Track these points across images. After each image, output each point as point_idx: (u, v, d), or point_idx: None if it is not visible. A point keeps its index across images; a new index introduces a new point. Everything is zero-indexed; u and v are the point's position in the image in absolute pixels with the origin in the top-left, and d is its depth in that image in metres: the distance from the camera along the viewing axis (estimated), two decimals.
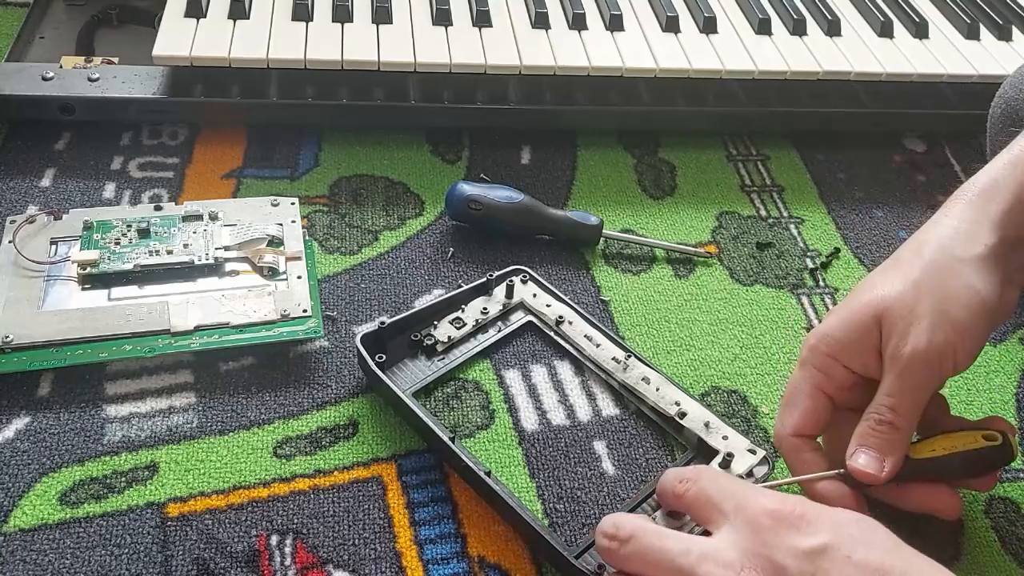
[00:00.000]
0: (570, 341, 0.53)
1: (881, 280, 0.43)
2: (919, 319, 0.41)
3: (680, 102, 0.68)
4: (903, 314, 0.41)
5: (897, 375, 0.41)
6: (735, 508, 0.38)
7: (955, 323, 0.41)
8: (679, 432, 0.49)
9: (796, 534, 0.36)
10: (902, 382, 0.41)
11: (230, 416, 0.48)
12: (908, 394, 0.42)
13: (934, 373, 0.42)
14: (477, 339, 0.53)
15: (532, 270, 0.56)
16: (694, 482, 0.40)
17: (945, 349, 0.41)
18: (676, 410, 0.49)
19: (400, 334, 0.51)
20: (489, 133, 0.68)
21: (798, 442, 0.45)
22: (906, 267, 0.43)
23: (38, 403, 0.48)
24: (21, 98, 0.61)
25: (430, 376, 0.51)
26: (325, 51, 0.63)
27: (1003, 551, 0.47)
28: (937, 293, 0.41)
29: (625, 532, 0.39)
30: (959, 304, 0.41)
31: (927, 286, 0.42)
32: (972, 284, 0.41)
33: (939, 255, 0.42)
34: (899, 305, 0.42)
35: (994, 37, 0.76)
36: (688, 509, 0.41)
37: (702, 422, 0.49)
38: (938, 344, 0.41)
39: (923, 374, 0.41)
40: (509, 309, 0.55)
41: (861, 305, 0.43)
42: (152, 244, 0.53)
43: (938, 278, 0.42)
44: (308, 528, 0.44)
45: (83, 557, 0.42)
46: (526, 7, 0.71)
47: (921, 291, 0.42)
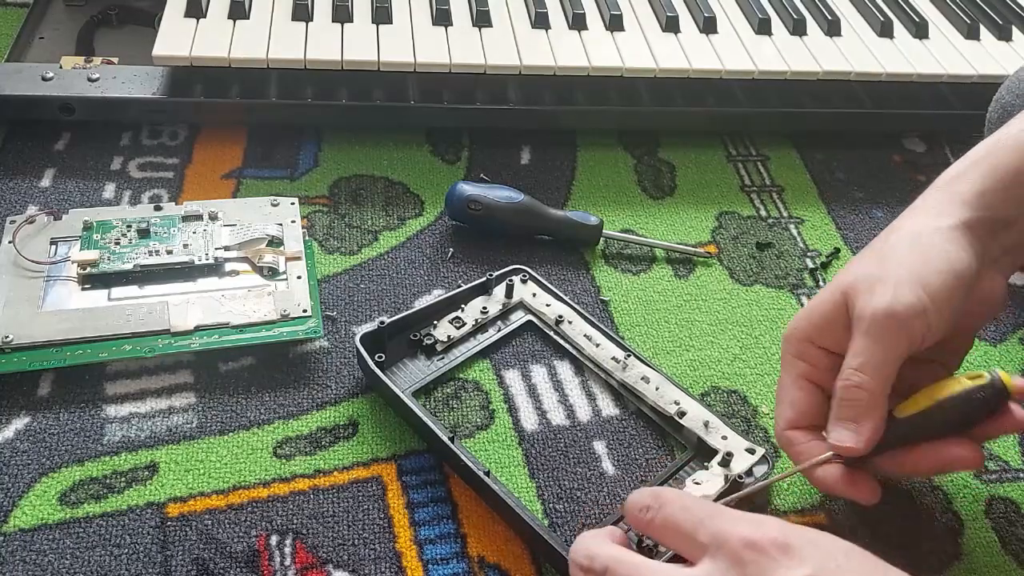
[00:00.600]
0: (570, 340, 0.53)
1: (851, 264, 0.44)
2: (884, 281, 0.41)
3: (680, 102, 0.68)
4: (869, 281, 0.41)
5: (862, 333, 0.40)
6: (712, 539, 0.35)
7: (925, 284, 0.40)
8: (678, 431, 0.49)
9: (781, 567, 0.33)
10: (866, 340, 0.40)
11: (230, 416, 0.48)
12: (873, 353, 0.40)
13: (902, 331, 0.40)
14: (477, 339, 0.53)
15: (532, 270, 0.56)
16: (656, 510, 0.38)
17: (914, 306, 0.39)
18: (675, 409, 0.50)
19: (400, 333, 0.52)
20: (489, 133, 0.68)
21: (795, 435, 0.44)
22: (876, 245, 0.43)
23: (38, 403, 0.48)
24: (21, 98, 0.61)
25: (429, 376, 0.51)
26: (325, 51, 0.63)
27: (1003, 551, 0.47)
28: (906, 259, 0.41)
29: (599, 564, 0.36)
30: (929, 267, 0.40)
31: (896, 255, 0.42)
32: (944, 249, 0.41)
33: (909, 230, 0.43)
34: (865, 275, 0.42)
35: (994, 37, 0.76)
36: (658, 538, 0.38)
37: (701, 421, 0.49)
38: (906, 301, 0.40)
39: (888, 331, 0.40)
40: (509, 309, 0.55)
41: (829, 287, 0.43)
42: (152, 244, 0.53)
43: (907, 246, 0.42)
44: (308, 528, 0.44)
45: (83, 557, 0.42)
46: (526, 7, 0.71)
47: (888, 259, 0.42)
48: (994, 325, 0.59)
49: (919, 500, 0.49)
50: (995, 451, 0.51)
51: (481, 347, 0.53)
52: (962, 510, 0.48)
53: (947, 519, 0.48)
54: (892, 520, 0.48)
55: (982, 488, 0.50)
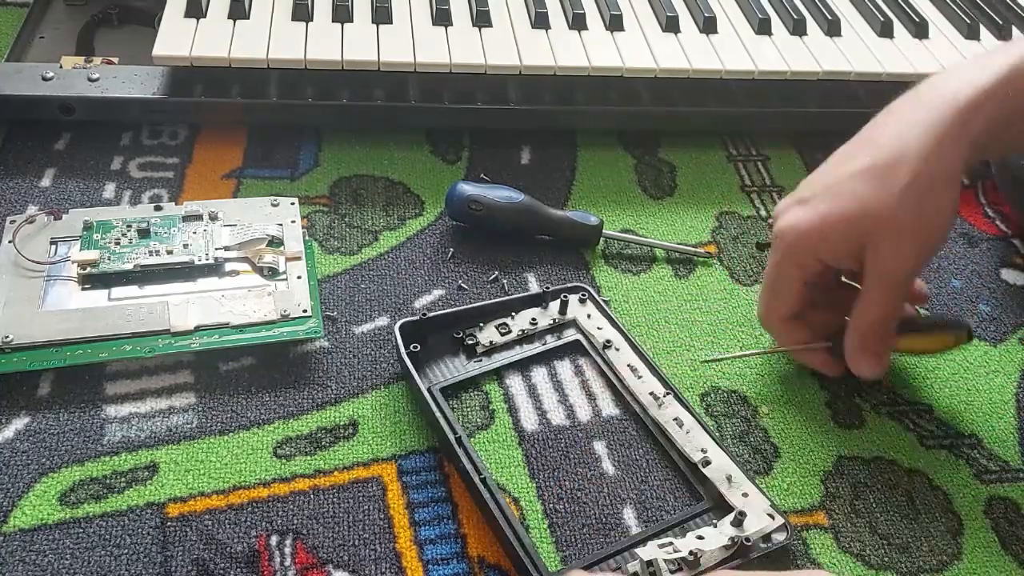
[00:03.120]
0: (613, 368, 0.52)
1: (863, 190, 0.46)
2: (903, 238, 0.45)
3: (680, 102, 0.68)
4: (889, 233, 0.45)
5: (886, 288, 0.47)
6: None
7: (934, 244, 0.47)
8: (701, 481, 0.47)
9: None
10: (889, 293, 0.47)
11: (230, 416, 0.48)
12: (894, 304, 0.48)
13: (910, 284, 0.49)
14: (519, 348, 0.53)
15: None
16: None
17: (923, 265, 0.48)
18: (700, 457, 0.47)
19: (444, 329, 0.52)
20: (489, 133, 0.68)
21: (789, 324, 0.52)
22: (887, 180, 0.45)
23: (38, 403, 0.48)
24: (21, 98, 0.61)
25: (462, 375, 0.51)
26: (325, 51, 0.63)
27: (1003, 551, 0.47)
28: (918, 213, 0.45)
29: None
30: (935, 226, 0.46)
31: (909, 204, 0.45)
32: (952, 210, 0.46)
33: (919, 173, 0.45)
34: (884, 222, 0.45)
35: (994, 37, 0.76)
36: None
37: (725, 474, 0.46)
38: (919, 261, 0.47)
39: (905, 286, 0.47)
40: (559, 324, 0.54)
41: (843, 215, 0.46)
42: (152, 244, 0.53)
43: (918, 196, 0.45)
44: (308, 528, 0.44)
45: (83, 557, 0.42)
46: (526, 7, 0.71)
47: (905, 210, 0.45)
48: (994, 325, 0.59)
49: (919, 500, 0.49)
50: (995, 451, 0.51)
51: (520, 357, 0.52)
52: (962, 510, 0.48)
53: (947, 519, 0.48)
54: (892, 520, 0.48)
55: (982, 488, 0.50)
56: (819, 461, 0.50)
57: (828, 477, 0.49)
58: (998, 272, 0.63)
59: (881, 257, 0.46)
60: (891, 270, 0.46)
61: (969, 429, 0.53)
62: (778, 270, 0.50)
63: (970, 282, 0.62)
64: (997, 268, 0.63)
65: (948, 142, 0.45)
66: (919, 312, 0.56)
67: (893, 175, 0.45)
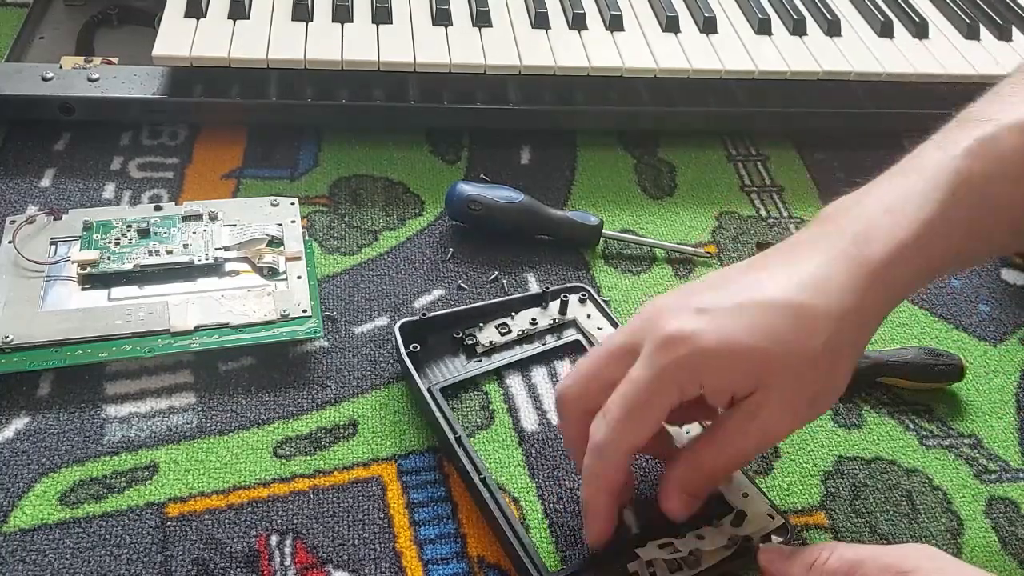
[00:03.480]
0: None
1: (778, 328, 0.38)
2: (800, 400, 0.39)
3: (680, 102, 0.68)
4: (789, 390, 0.38)
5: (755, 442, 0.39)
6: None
7: (817, 413, 0.41)
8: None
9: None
10: (752, 448, 0.40)
11: (230, 416, 0.48)
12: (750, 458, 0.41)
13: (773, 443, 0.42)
14: (519, 348, 0.53)
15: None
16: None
17: (797, 426, 0.40)
18: None
19: (444, 329, 0.52)
20: (489, 133, 0.68)
21: (625, 462, 0.40)
22: (803, 330, 0.38)
23: (38, 403, 0.48)
24: (21, 98, 0.61)
25: (460, 375, 0.50)
26: (325, 51, 0.63)
27: (1003, 551, 0.47)
28: (822, 378, 0.39)
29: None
30: (831, 394, 0.40)
31: (820, 367, 0.38)
32: (844, 378, 0.40)
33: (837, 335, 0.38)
34: (790, 377, 0.38)
35: (994, 37, 0.76)
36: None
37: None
38: (794, 429, 0.40)
39: (767, 445, 0.41)
40: (559, 325, 0.54)
41: (755, 349, 0.38)
42: (152, 244, 0.53)
43: (830, 360, 0.38)
44: (308, 528, 0.44)
45: (83, 557, 0.42)
46: (526, 7, 0.71)
47: (814, 372, 0.38)
48: (994, 325, 0.59)
49: (919, 500, 0.49)
50: (995, 451, 0.51)
51: (520, 357, 0.52)
52: (962, 510, 0.48)
53: (947, 519, 0.48)
54: (892, 520, 0.48)
55: (982, 488, 0.50)
56: (819, 461, 0.50)
57: (828, 477, 0.49)
58: (998, 272, 0.63)
59: (768, 411, 0.38)
60: (772, 428, 0.39)
61: (969, 429, 0.53)
62: (652, 387, 0.38)
63: (970, 282, 0.62)
64: (997, 268, 0.63)
65: (867, 307, 0.39)
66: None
67: (811, 327, 0.38)
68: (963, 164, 0.40)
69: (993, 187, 0.40)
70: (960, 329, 0.58)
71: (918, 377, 0.53)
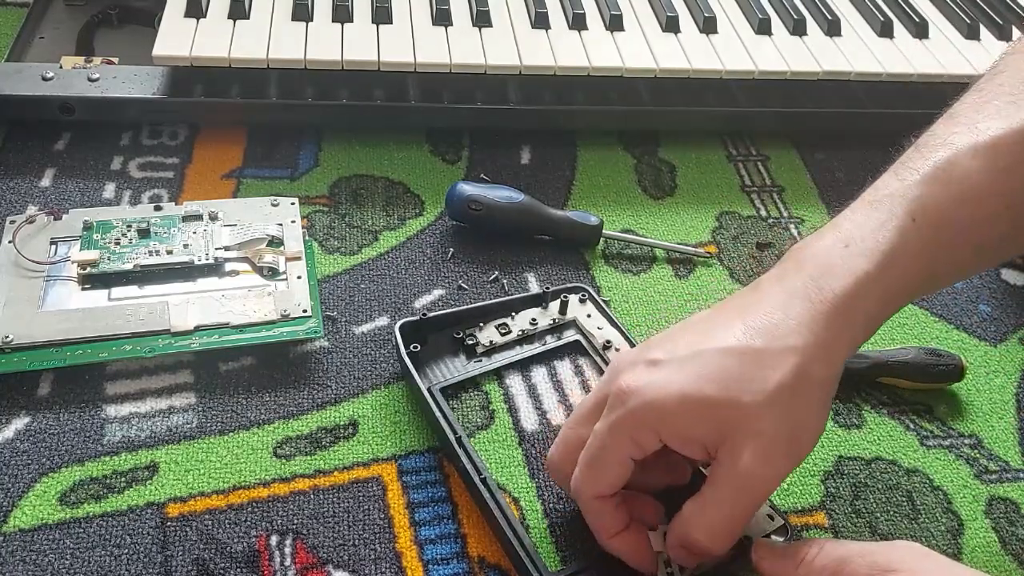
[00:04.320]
0: None
1: (733, 371, 0.38)
2: (775, 444, 0.38)
3: (680, 102, 0.68)
4: (757, 434, 0.37)
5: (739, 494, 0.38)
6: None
7: (803, 454, 0.39)
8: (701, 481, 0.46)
9: None
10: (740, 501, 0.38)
11: (230, 416, 0.48)
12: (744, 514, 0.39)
13: (765, 496, 0.39)
14: (519, 349, 0.52)
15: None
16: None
17: (785, 472, 0.39)
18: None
19: (443, 329, 0.52)
20: (489, 133, 0.68)
21: (601, 503, 0.41)
22: (762, 370, 0.38)
23: (38, 403, 0.48)
24: (21, 98, 0.61)
25: (460, 375, 0.50)
26: (325, 51, 0.63)
27: (1003, 551, 0.47)
28: (792, 417, 0.38)
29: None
30: (809, 431, 0.39)
31: (782, 405, 0.37)
32: (819, 415, 0.39)
33: (798, 374, 0.38)
34: (753, 420, 0.37)
35: (994, 37, 0.76)
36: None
37: None
38: (786, 472, 0.39)
39: (763, 498, 0.39)
40: (559, 325, 0.54)
41: (705, 397, 0.38)
42: (152, 244, 0.53)
43: (793, 397, 0.38)
44: (308, 528, 0.44)
45: (83, 557, 0.42)
46: (526, 7, 0.71)
47: (778, 412, 0.37)
48: (994, 325, 0.59)
49: (919, 500, 0.49)
50: (995, 451, 0.51)
51: (520, 357, 0.52)
52: (962, 510, 0.48)
53: (947, 519, 0.48)
54: (892, 520, 0.48)
55: (982, 488, 0.50)
56: (819, 461, 0.50)
57: (828, 477, 0.49)
58: (998, 272, 0.63)
59: (742, 460, 0.37)
60: (752, 475, 0.37)
61: (969, 429, 0.53)
62: (606, 441, 0.39)
63: (970, 282, 0.62)
64: (997, 268, 0.63)
65: (830, 342, 0.38)
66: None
67: (771, 367, 0.37)
68: (921, 191, 0.40)
69: (952, 211, 0.40)
70: (960, 329, 0.58)
71: (918, 377, 0.53)
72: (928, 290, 0.43)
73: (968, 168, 0.40)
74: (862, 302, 0.39)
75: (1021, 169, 0.40)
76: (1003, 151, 0.40)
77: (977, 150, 0.40)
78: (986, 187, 0.40)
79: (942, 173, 0.40)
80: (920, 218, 0.39)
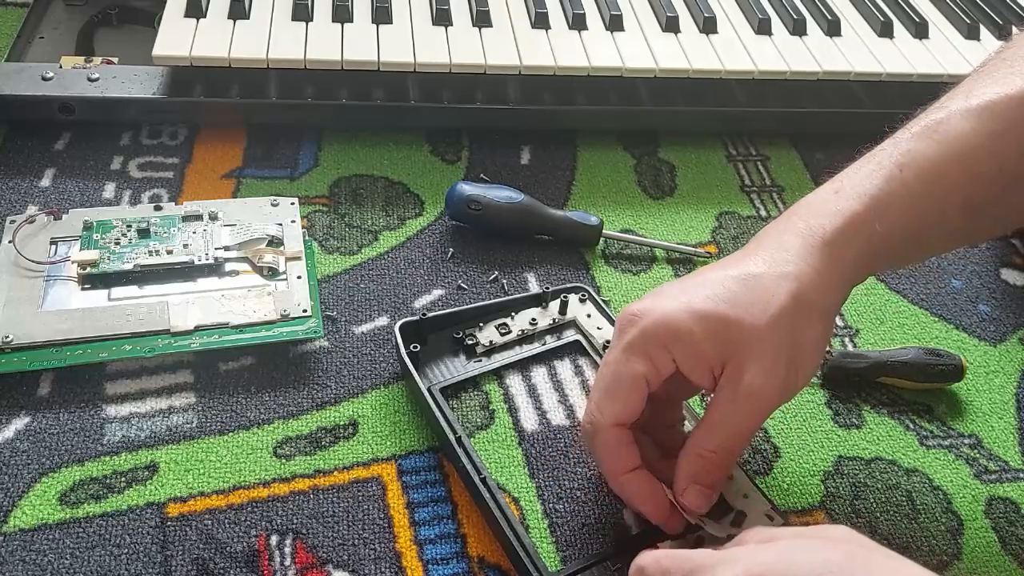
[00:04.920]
0: None
1: (740, 294, 0.40)
2: (777, 358, 0.39)
3: (680, 102, 0.68)
4: (761, 351, 0.39)
5: (747, 405, 0.39)
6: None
7: (805, 375, 0.41)
8: None
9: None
10: (747, 413, 0.40)
11: (230, 416, 0.48)
12: (749, 430, 0.40)
13: (766, 413, 0.41)
14: (519, 349, 0.52)
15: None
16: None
17: (785, 394, 0.40)
18: None
19: (443, 329, 0.52)
20: (489, 133, 0.68)
21: (619, 432, 0.41)
22: (763, 293, 0.40)
23: (38, 403, 0.48)
24: (21, 98, 0.61)
25: (460, 375, 0.50)
26: (325, 51, 0.63)
27: (1003, 551, 0.47)
28: (793, 336, 0.40)
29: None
30: (808, 353, 0.40)
31: (784, 326, 0.39)
32: (818, 338, 0.41)
33: (797, 296, 0.40)
34: (757, 338, 0.39)
35: (994, 37, 0.76)
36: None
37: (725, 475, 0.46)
38: (787, 389, 0.40)
39: (767, 414, 0.41)
40: (559, 325, 0.54)
41: (714, 313, 0.39)
42: (152, 244, 0.53)
43: (794, 319, 0.39)
44: (308, 528, 0.44)
45: (83, 557, 0.42)
46: (526, 7, 0.71)
47: (780, 331, 0.39)
48: (994, 325, 0.59)
49: (919, 500, 0.49)
50: (995, 451, 0.51)
51: (520, 357, 0.52)
52: (962, 510, 0.48)
53: (947, 519, 0.48)
54: (892, 520, 0.48)
55: (982, 488, 0.50)
56: (819, 461, 0.50)
57: (828, 477, 0.49)
58: (998, 272, 0.63)
59: (748, 374, 0.39)
60: (758, 393, 0.39)
61: (969, 429, 0.53)
62: (621, 362, 0.40)
63: (970, 282, 0.62)
64: (997, 268, 0.63)
65: (825, 274, 0.40)
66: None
67: (772, 291, 0.39)
68: (910, 145, 0.42)
69: (941, 165, 0.41)
70: (960, 329, 0.58)
71: (918, 377, 0.53)
72: (918, 250, 0.45)
73: (960, 127, 0.42)
74: (852, 240, 0.41)
75: (1014, 132, 0.41)
76: (997, 114, 0.41)
77: (970, 111, 0.42)
78: (978, 146, 0.41)
79: (932, 131, 0.42)
80: (908, 169, 0.42)
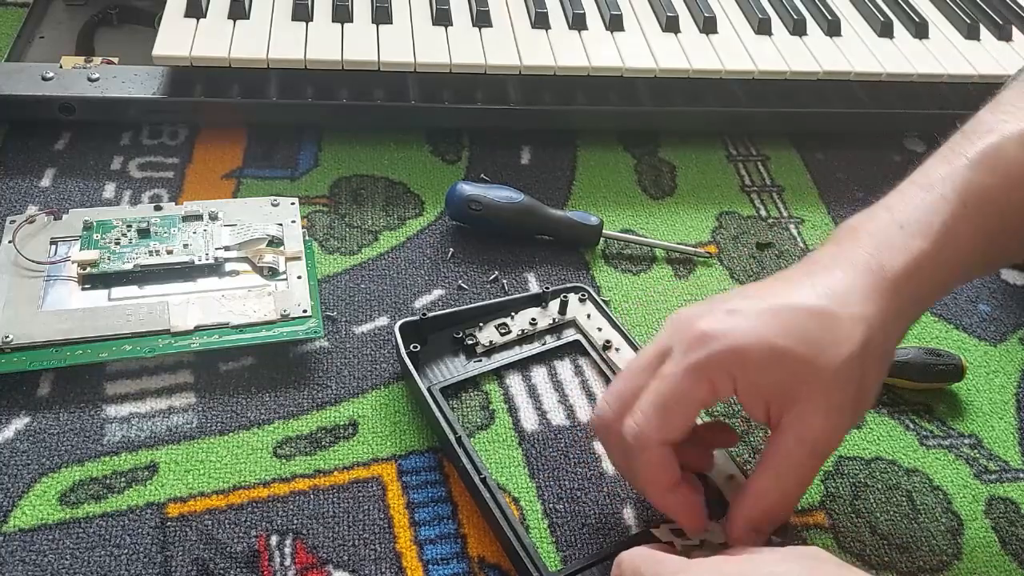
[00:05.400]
0: (613, 368, 0.52)
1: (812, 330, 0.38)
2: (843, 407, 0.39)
3: (680, 102, 0.68)
4: (826, 397, 0.38)
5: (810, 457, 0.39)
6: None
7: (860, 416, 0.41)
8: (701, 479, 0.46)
9: None
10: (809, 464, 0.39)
11: (230, 416, 0.48)
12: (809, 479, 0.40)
13: (828, 457, 0.40)
14: (519, 349, 0.52)
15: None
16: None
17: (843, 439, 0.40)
18: None
19: (443, 329, 0.52)
20: (489, 133, 0.68)
21: (666, 451, 0.39)
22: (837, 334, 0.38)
23: (38, 403, 0.48)
24: (21, 98, 0.61)
25: (460, 375, 0.50)
26: (325, 51, 0.63)
27: (1003, 551, 0.47)
28: (859, 384, 0.39)
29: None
30: (867, 402, 0.40)
31: (854, 372, 0.38)
32: (877, 384, 0.40)
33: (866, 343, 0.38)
34: (825, 382, 0.38)
35: (994, 37, 0.76)
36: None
37: (725, 475, 0.46)
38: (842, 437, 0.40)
39: (824, 459, 0.40)
40: (559, 325, 0.54)
41: (789, 351, 0.38)
42: (152, 244, 0.53)
43: (863, 366, 0.39)
44: (308, 528, 0.44)
45: (83, 557, 0.42)
46: (526, 7, 0.71)
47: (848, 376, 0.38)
48: (994, 325, 0.59)
49: (919, 500, 0.49)
50: (995, 451, 0.51)
51: (520, 357, 0.52)
52: (962, 510, 0.48)
53: (947, 519, 0.48)
54: (892, 520, 0.48)
55: (982, 488, 0.50)
56: None
57: (828, 477, 0.49)
58: (998, 272, 0.63)
59: (816, 424, 0.38)
60: (822, 435, 0.38)
61: (969, 429, 0.53)
62: (681, 382, 0.38)
63: (970, 282, 0.62)
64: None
65: (890, 318, 0.39)
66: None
67: (845, 334, 0.38)
68: (970, 176, 0.41)
69: (1002, 195, 0.41)
70: (960, 329, 0.58)
71: (918, 377, 0.53)
72: (984, 270, 0.46)
73: (1015, 156, 0.41)
74: (919, 282, 0.40)
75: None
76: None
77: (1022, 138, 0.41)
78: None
79: (989, 160, 0.41)
80: (971, 203, 0.41)
